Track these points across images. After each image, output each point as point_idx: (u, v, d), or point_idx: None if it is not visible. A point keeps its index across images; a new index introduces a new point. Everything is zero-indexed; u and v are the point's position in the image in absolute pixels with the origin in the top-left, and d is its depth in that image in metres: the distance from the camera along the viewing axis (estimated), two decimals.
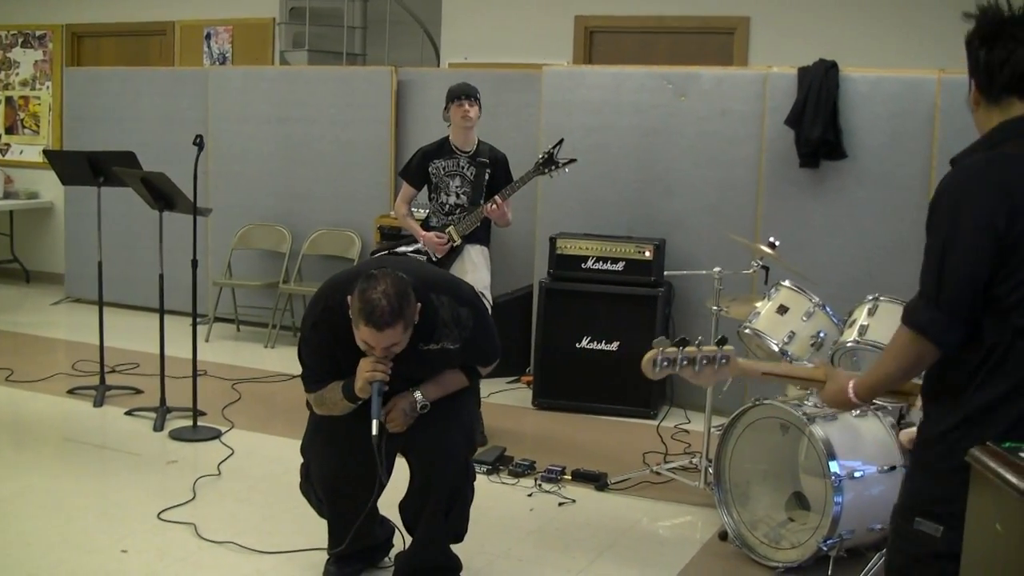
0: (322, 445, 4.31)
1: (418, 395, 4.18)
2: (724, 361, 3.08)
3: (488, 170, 6.59)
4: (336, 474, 4.28)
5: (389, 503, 4.45)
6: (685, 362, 3.06)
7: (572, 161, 6.49)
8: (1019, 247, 2.53)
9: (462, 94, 6.53)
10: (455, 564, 4.43)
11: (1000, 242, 2.54)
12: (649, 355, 3.06)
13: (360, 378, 3.98)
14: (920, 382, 2.82)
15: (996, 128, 2.69)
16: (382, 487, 4.10)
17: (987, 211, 2.55)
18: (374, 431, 3.93)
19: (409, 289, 3.90)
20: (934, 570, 2.63)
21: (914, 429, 2.85)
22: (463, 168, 6.58)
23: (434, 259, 6.54)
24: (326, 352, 4.15)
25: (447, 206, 6.60)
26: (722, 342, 3.11)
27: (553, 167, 6.45)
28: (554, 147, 6.46)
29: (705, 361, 3.07)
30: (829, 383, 2.99)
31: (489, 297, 6.64)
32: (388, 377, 3.98)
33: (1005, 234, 2.53)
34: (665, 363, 3.06)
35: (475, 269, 6.59)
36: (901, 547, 2.78)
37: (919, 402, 2.89)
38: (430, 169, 6.60)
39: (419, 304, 3.97)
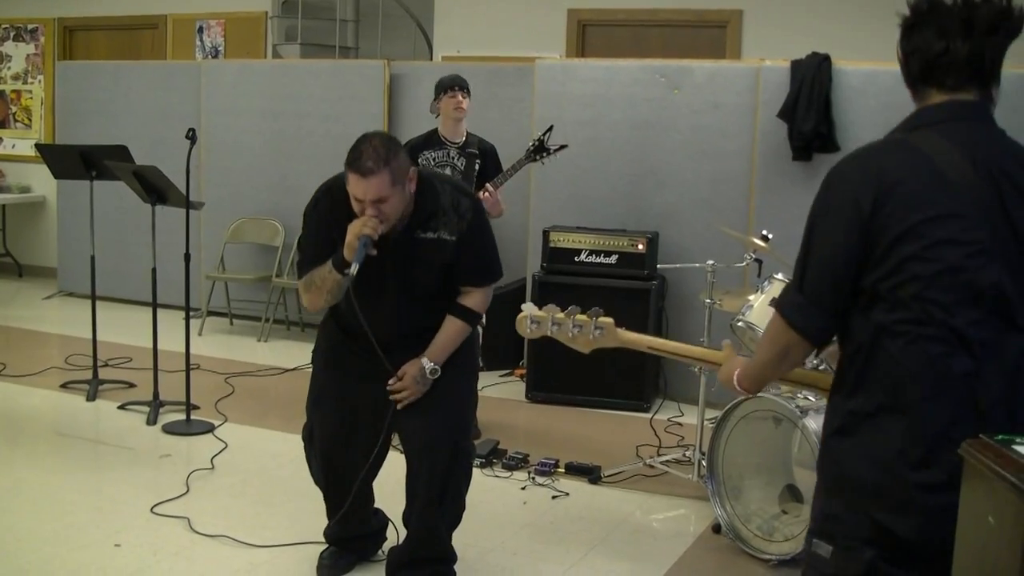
0: (324, 405, 4.30)
1: (425, 361, 4.11)
2: (599, 332, 3.16)
3: (478, 161, 6.59)
4: (335, 436, 4.27)
5: (383, 495, 4.46)
6: (555, 327, 3.18)
7: (563, 147, 6.52)
8: (884, 236, 2.39)
9: (455, 84, 6.51)
10: (450, 556, 4.39)
11: (865, 228, 2.41)
12: (520, 316, 3.23)
13: (349, 234, 3.85)
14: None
15: (912, 115, 2.63)
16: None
17: (853, 194, 2.44)
18: (352, 271, 3.81)
19: (400, 147, 3.92)
20: None
21: None
22: (453, 159, 6.58)
23: None
24: (323, 233, 4.07)
25: None
26: (595, 314, 3.17)
27: (544, 154, 6.47)
28: (544, 134, 6.49)
29: (577, 328, 3.17)
30: (724, 366, 2.90)
31: None
32: (376, 234, 3.83)
33: (870, 220, 2.40)
34: (534, 324, 3.22)
35: None
36: (805, 572, 2.66)
37: None
38: (419, 161, 6.58)
39: (416, 174, 3.96)
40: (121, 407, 6.85)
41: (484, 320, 6.70)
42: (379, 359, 4.03)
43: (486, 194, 6.39)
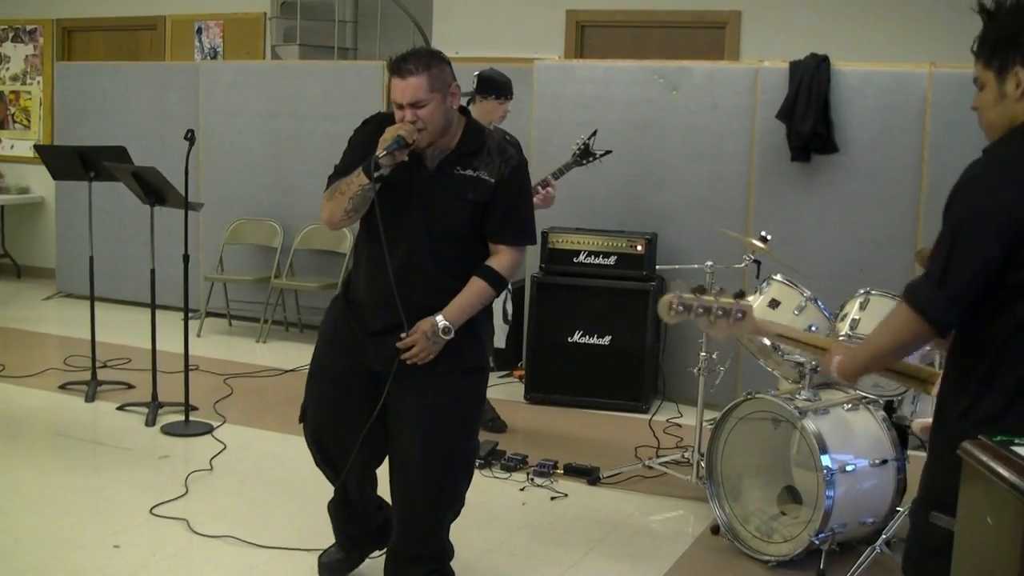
0: (320, 379, 4.15)
1: (439, 318, 3.87)
2: (740, 316, 3.00)
3: None
4: (325, 416, 4.13)
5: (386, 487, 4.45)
6: (701, 310, 2.99)
7: (608, 152, 6.52)
8: None
9: (506, 91, 6.45)
10: (448, 552, 4.26)
11: (1016, 232, 2.55)
12: (665, 299, 3.00)
13: (385, 134, 3.79)
14: (938, 368, 2.83)
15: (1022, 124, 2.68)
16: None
17: (1006, 200, 2.57)
18: (379, 153, 3.74)
19: (445, 60, 3.93)
20: (950, 564, 2.59)
21: (928, 419, 2.85)
22: None
23: None
24: (361, 151, 3.94)
25: None
26: (740, 295, 3.03)
27: (590, 158, 6.48)
28: (589, 138, 6.49)
29: (720, 312, 2.99)
30: (827, 354, 3.00)
31: (511, 287, 6.71)
32: (411, 138, 3.76)
33: (1021, 221, 2.55)
34: (680, 307, 2.98)
35: None
36: (918, 539, 2.79)
37: (935, 389, 2.89)
38: None
39: (460, 97, 3.92)
40: (120, 408, 6.85)
41: (511, 315, 6.73)
42: (385, 336, 3.90)
43: (550, 189, 6.38)
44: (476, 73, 6.58)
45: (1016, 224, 2.55)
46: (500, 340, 6.71)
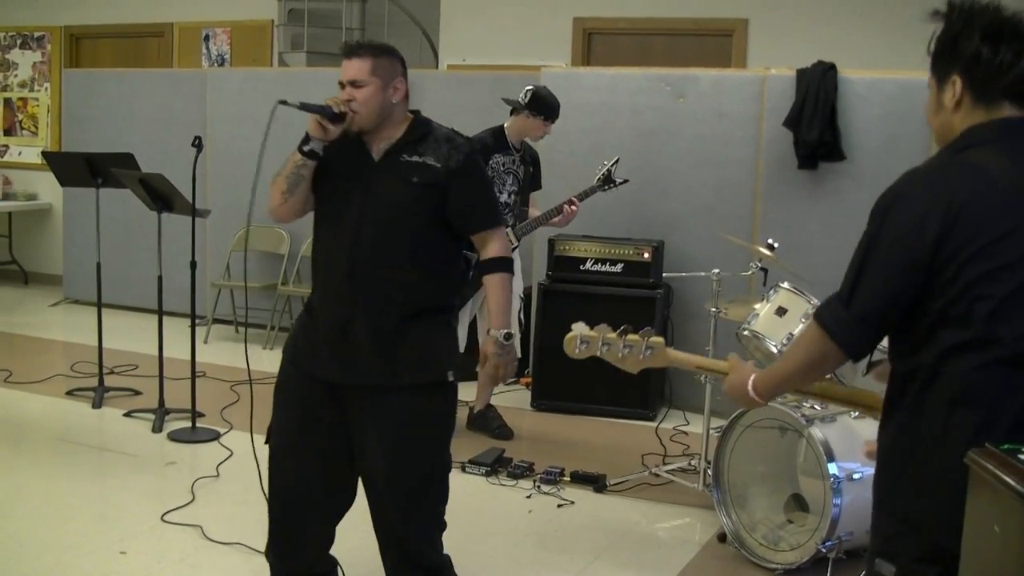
0: (283, 401, 4.00)
1: (493, 331, 3.83)
2: (649, 352, 3.08)
3: (531, 169, 6.66)
4: (286, 441, 3.94)
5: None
6: (605, 347, 3.07)
7: (625, 181, 6.79)
8: (952, 261, 2.38)
9: (557, 115, 6.64)
10: (444, 564, 4.07)
11: (931, 254, 2.39)
12: (568, 336, 3.08)
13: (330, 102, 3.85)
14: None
15: (966, 131, 2.55)
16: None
17: (919, 219, 2.41)
18: (296, 103, 3.89)
19: (397, 56, 3.95)
20: None
21: (874, 440, 2.75)
22: (516, 167, 6.59)
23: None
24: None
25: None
26: (647, 334, 3.09)
27: (612, 184, 6.70)
28: (612, 164, 6.71)
29: (627, 348, 3.07)
30: (732, 374, 2.88)
31: (523, 297, 6.86)
32: (340, 109, 3.79)
33: (937, 246, 2.38)
34: (584, 345, 3.08)
35: (517, 273, 6.64)
36: None
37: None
38: (491, 163, 6.50)
39: (407, 94, 3.92)
40: (127, 414, 6.86)
41: (523, 318, 6.74)
42: (338, 337, 3.77)
43: (573, 207, 6.59)
44: (530, 87, 6.60)
45: (932, 252, 2.39)
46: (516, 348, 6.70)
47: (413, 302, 3.77)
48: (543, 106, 6.53)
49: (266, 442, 4.00)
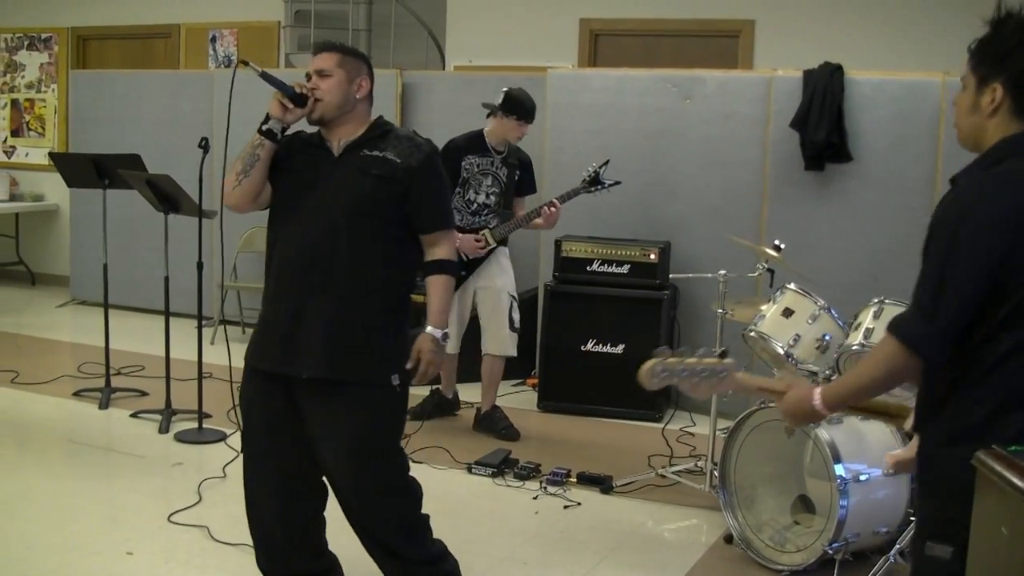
0: (248, 408, 4.03)
1: (431, 329, 3.84)
2: (723, 374, 2.95)
3: (517, 172, 6.64)
4: (255, 446, 3.99)
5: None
6: (685, 374, 2.94)
7: (616, 183, 6.68)
8: (1021, 267, 2.49)
9: (530, 116, 6.64)
10: (432, 556, 4.03)
11: (1003, 262, 2.49)
12: (648, 365, 2.94)
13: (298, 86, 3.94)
14: (908, 403, 2.77)
15: (1001, 142, 2.63)
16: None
17: (992, 231, 2.50)
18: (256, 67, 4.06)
19: (365, 60, 4.05)
20: None
21: (898, 451, 2.79)
22: (496, 168, 6.62)
23: (466, 259, 6.54)
24: (283, 141, 3.99)
25: (475, 204, 6.62)
26: (724, 355, 3.00)
27: (600, 186, 6.57)
28: (601, 167, 6.64)
29: (705, 373, 2.94)
30: (790, 392, 2.87)
31: (516, 296, 6.76)
32: (302, 90, 3.89)
33: (1009, 254, 2.48)
34: (664, 374, 2.93)
35: (503, 272, 6.68)
36: (917, 572, 2.73)
37: (908, 423, 2.85)
38: (463, 164, 6.60)
39: (371, 95, 4.03)
40: (133, 415, 6.87)
41: (518, 323, 6.73)
42: (289, 327, 3.77)
43: (553, 208, 6.47)
44: (504, 89, 6.62)
45: (1000, 252, 2.49)
46: (510, 348, 6.72)
47: (364, 298, 3.78)
48: (515, 106, 6.59)
49: (242, 451, 4.03)
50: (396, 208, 3.83)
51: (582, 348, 7.31)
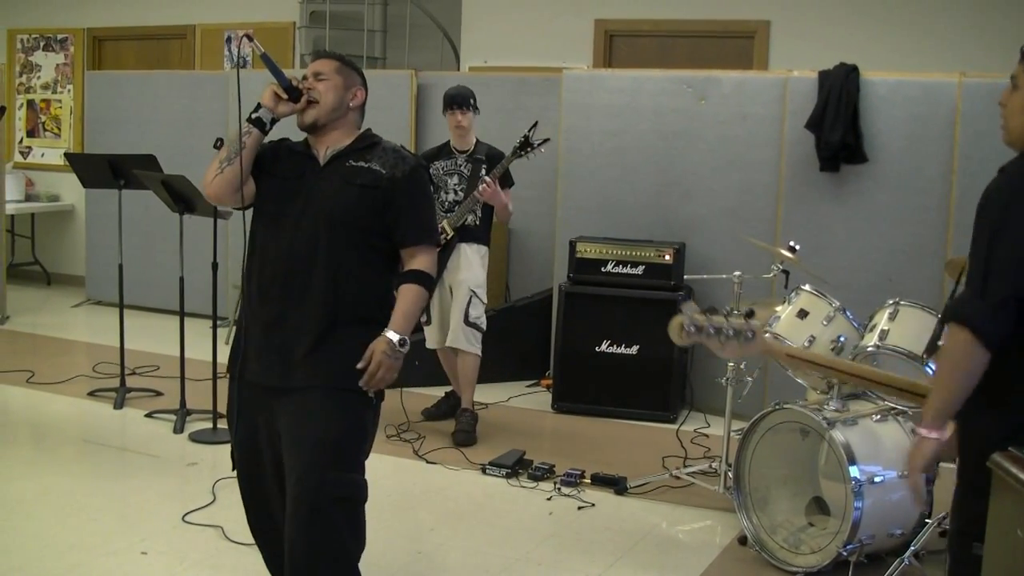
0: (234, 421, 3.90)
1: (391, 334, 3.67)
2: (750, 336, 2.99)
3: (484, 166, 6.66)
4: (244, 459, 3.91)
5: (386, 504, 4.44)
6: (712, 331, 2.99)
7: (546, 141, 6.63)
8: None
9: (453, 103, 6.72)
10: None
11: None
12: (677, 320, 3.00)
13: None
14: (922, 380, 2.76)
15: None
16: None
17: None
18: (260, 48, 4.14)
19: (359, 72, 4.02)
20: None
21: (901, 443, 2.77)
22: (460, 166, 6.71)
23: None
24: (270, 146, 4.01)
25: (446, 203, 6.68)
26: (750, 314, 3.02)
27: (529, 148, 6.56)
28: (530, 130, 6.63)
29: (732, 332, 2.99)
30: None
31: (484, 297, 6.66)
32: (298, 84, 3.91)
33: None
34: (693, 328, 2.99)
35: (468, 267, 6.61)
36: (960, 572, 2.71)
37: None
38: (431, 171, 6.69)
39: (363, 106, 3.98)
40: (148, 415, 6.88)
41: (475, 320, 6.67)
42: (269, 333, 3.73)
43: (484, 186, 6.45)
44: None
45: None
46: (462, 342, 6.59)
47: (343, 307, 3.72)
48: (443, 102, 6.82)
49: (233, 466, 3.98)
50: (378, 219, 3.77)
51: (596, 349, 7.31)
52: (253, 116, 3.89)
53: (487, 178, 6.51)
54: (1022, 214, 2.55)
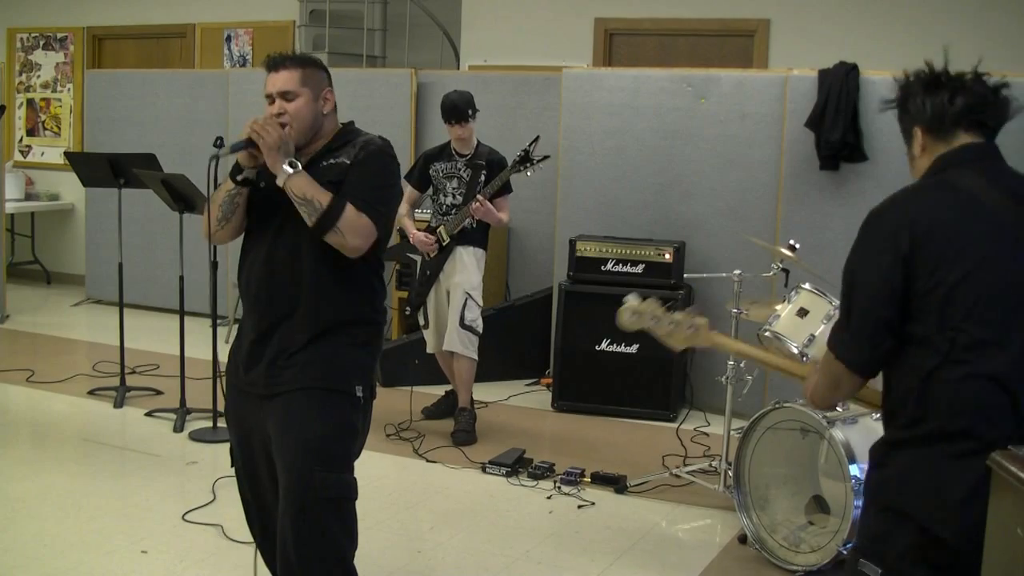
0: (230, 424, 3.92)
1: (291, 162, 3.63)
2: (692, 330, 3.32)
3: (484, 171, 6.64)
4: (241, 461, 3.91)
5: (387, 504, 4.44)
6: (654, 321, 3.36)
7: (546, 158, 6.59)
8: (925, 271, 2.57)
9: (451, 118, 6.63)
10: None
11: (905, 272, 2.58)
12: (623, 307, 3.44)
13: (244, 128, 3.70)
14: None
15: (937, 159, 2.80)
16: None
17: (890, 237, 2.63)
18: (225, 152, 3.76)
19: (321, 65, 3.81)
20: None
21: None
22: (460, 170, 6.68)
23: (427, 258, 6.61)
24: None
25: (444, 206, 6.67)
26: (693, 313, 3.34)
27: (528, 164, 6.51)
28: (530, 145, 6.56)
29: (672, 325, 3.34)
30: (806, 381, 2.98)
31: (480, 300, 6.63)
32: (267, 132, 3.62)
33: (909, 262, 2.58)
34: (634, 316, 3.41)
35: (464, 270, 6.60)
36: None
37: None
38: (431, 171, 6.73)
39: (335, 104, 3.81)
40: (148, 414, 6.88)
41: (470, 323, 6.64)
42: (256, 342, 3.71)
43: (477, 203, 6.42)
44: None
45: (899, 259, 2.60)
46: (457, 344, 6.54)
47: (328, 315, 3.69)
48: (441, 113, 6.72)
49: (232, 465, 3.98)
50: None
51: (596, 348, 7.31)
52: (239, 179, 3.73)
53: (479, 196, 6.47)
54: (877, 242, 2.68)
